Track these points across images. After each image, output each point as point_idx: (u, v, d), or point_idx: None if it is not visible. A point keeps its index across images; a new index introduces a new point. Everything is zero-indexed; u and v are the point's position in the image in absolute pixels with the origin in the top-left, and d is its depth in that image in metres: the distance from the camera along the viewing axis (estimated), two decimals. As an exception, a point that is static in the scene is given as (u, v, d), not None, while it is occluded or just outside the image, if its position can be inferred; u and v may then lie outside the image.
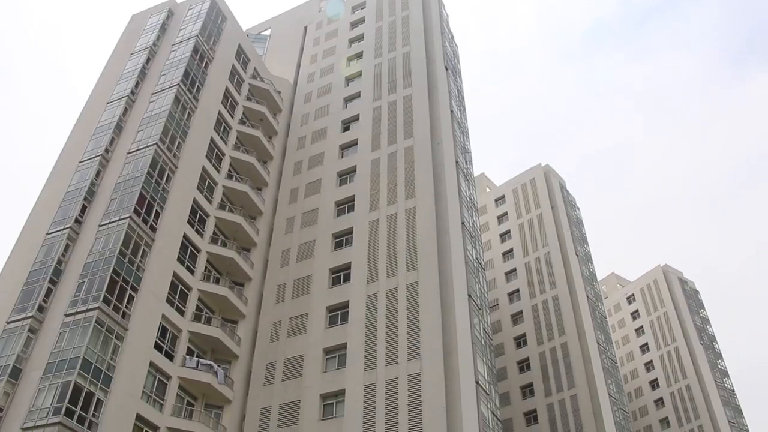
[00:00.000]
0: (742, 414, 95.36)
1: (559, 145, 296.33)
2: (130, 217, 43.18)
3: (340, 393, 43.44)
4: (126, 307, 40.62)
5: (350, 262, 49.56)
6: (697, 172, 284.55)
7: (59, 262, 42.45)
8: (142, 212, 44.49)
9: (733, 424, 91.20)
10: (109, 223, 43.71)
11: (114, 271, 40.43)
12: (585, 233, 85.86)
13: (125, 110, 52.96)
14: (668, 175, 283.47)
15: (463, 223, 51.18)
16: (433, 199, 49.62)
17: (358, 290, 47.53)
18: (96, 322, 37.98)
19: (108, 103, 54.19)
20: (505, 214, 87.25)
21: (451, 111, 58.75)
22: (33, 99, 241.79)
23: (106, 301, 39.11)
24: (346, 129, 61.16)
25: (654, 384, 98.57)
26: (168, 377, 42.64)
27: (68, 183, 48.07)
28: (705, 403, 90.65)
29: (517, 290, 78.47)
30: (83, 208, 45.71)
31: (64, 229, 44.31)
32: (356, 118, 60.99)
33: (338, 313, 47.74)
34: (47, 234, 44.66)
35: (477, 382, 43.40)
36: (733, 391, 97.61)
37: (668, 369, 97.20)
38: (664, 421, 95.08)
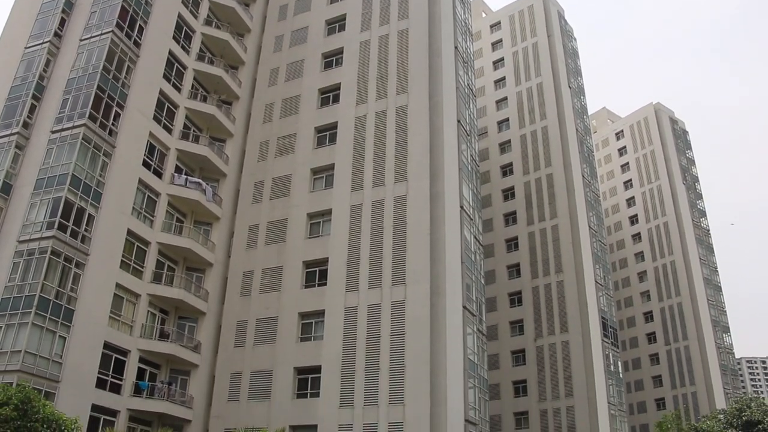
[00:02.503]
0: (714, 253, 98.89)
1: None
2: (112, 31, 41.63)
3: (327, 212, 44.40)
4: (112, 124, 40.31)
5: (340, 83, 48.71)
6: (703, 10, 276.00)
7: (41, 77, 41.51)
8: (125, 26, 42.85)
9: (704, 261, 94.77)
10: (91, 37, 42.20)
11: (98, 87, 39.67)
12: (580, 65, 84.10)
13: None
14: (674, 10, 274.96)
15: (456, 47, 49.87)
16: (426, 20, 47.85)
17: (346, 111, 47.12)
18: (83, 138, 37.82)
19: None
20: (500, 41, 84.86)
21: (449, -73, 55.22)
22: None
23: (92, 117, 38.72)
24: (336, -56, 57.71)
25: (633, 219, 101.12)
26: (157, 194, 43.23)
27: (43, -8, 45.78)
28: (680, 241, 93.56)
29: (507, 119, 78.03)
30: (62, 21, 43.89)
31: (43, 43, 42.85)
32: (348, -67, 57.35)
33: (326, 134, 47.67)
34: (26, 48, 43.26)
35: (461, 207, 44.27)
36: (708, 230, 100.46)
37: (648, 206, 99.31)
38: (639, 255, 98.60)
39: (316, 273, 43.06)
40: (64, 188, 36.10)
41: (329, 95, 49.22)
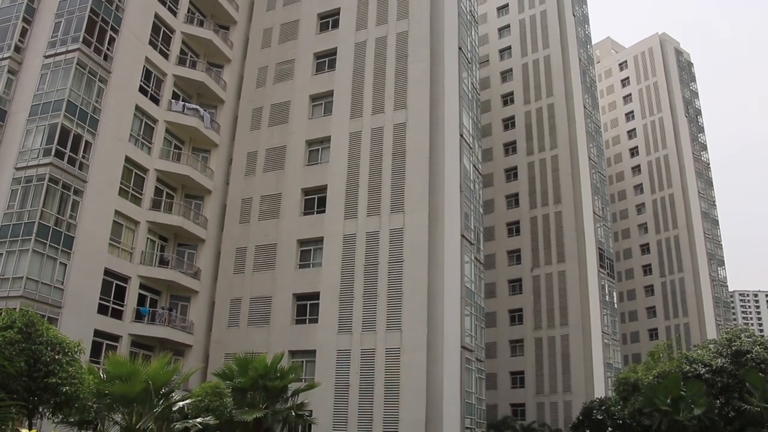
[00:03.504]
0: (713, 187, 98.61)
1: None
2: (103, -49, 40.36)
3: (326, 140, 44.08)
4: (107, 48, 39.50)
5: (339, 8, 47.55)
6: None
7: (30, -1, 40.46)
8: (117, -54, 41.60)
9: (703, 195, 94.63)
10: (81, -43, 40.93)
11: (92, 10, 38.68)
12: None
13: None
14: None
15: (458, -29, 48.55)
16: (427, -57, 46.44)
17: (346, 37, 46.20)
18: (77, 64, 37.13)
19: None
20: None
21: None
22: None
23: (86, 42, 37.92)
24: None
25: (634, 151, 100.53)
26: (154, 121, 42.79)
27: None
28: (680, 174, 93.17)
29: (509, 47, 76.56)
30: (51, -60, 42.49)
31: (30, -38, 41.59)
32: None
33: (326, 60, 46.88)
34: (13, -33, 42.05)
35: (461, 135, 43.96)
36: (708, 164, 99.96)
37: (650, 138, 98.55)
38: (638, 188, 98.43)
39: (314, 200, 43.08)
40: (60, 114, 35.68)
41: (329, 20, 48.14)
